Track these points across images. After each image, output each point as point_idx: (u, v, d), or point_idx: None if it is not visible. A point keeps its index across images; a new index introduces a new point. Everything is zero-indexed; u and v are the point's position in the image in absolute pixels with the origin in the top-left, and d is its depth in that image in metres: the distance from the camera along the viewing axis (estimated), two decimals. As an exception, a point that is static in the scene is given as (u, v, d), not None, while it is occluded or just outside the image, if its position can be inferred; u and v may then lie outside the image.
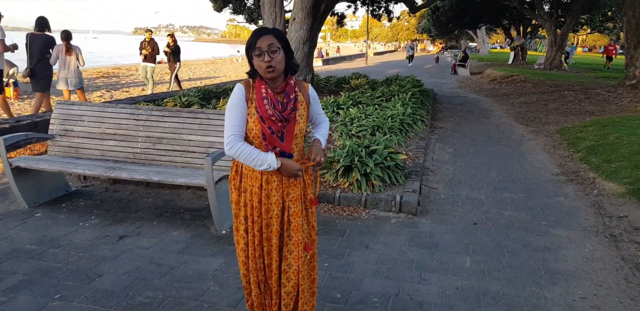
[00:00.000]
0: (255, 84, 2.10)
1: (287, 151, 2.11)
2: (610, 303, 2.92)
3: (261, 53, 1.98)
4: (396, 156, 4.88)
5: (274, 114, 2.04)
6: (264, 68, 2.00)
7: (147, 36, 11.91)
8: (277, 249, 2.18)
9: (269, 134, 2.06)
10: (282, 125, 2.08)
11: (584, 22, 27.67)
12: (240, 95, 2.07)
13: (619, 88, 12.80)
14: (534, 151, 6.99)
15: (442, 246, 3.64)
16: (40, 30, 7.53)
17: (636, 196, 4.64)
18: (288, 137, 2.10)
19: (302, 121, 2.15)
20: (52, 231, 3.64)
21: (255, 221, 2.16)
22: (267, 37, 1.98)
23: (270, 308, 2.28)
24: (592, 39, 77.89)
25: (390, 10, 15.27)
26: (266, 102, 2.05)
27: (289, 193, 2.15)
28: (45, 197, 4.25)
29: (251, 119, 2.08)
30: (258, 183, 2.12)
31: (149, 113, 4.25)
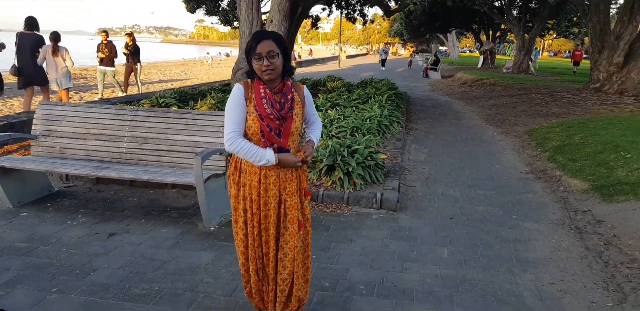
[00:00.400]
0: (253, 85, 2.23)
1: (284, 147, 2.24)
2: (575, 287, 3.17)
3: (261, 58, 2.11)
4: (376, 156, 5.08)
5: (272, 113, 2.17)
6: (262, 71, 2.13)
7: (102, 38, 11.04)
8: (275, 239, 2.32)
9: (268, 131, 2.19)
10: (280, 123, 2.21)
11: (551, 27, 28.63)
12: (240, 94, 2.20)
13: (584, 91, 13.36)
14: (504, 151, 7.31)
15: (421, 239, 3.84)
16: (29, 29, 7.66)
17: (599, 192, 4.96)
18: (285, 134, 2.23)
19: (298, 119, 2.29)
20: (41, 229, 3.68)
21: (254, 213, 2.29)
22: (267, 43, 2.10)
23: (267, 294, 2.42)
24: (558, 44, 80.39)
25: (365, 13, 15.56)
26: (265, 101, 2.17)
27: (286, 187, 2.28)
28: (30, 197, 4.28)
29: (250, 118, 2.20)
30: (257, 177, 2.25)
31: (134, 114, 4.33)
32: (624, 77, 12.76)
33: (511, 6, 24.00)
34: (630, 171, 5.28)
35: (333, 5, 14.38)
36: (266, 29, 9.38)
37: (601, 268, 3.48)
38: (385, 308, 2.79)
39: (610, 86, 12.92)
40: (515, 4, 24.51)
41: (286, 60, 2.21)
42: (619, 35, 12.76)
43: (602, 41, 13.04)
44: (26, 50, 7.62)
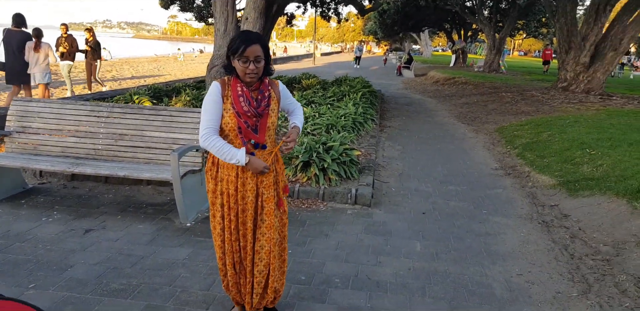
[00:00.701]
0: (231, 82, 2.28)
1: (261, 142, 2.31)
2: (542, 278, 3.32)
3: (247, 61, 2.17)
4: (351, 152, 5.17)
5: (249, 110, 2.24)
6: (246, 73, 2.20)
7: (62, 31, 10.38)
8: (252, 232, 2.38)
9: (245, 128, 2.24)
10: (256, 119, 2.27)
11: (520, 28, 29.31)
12: (217, 92, 2.25)
13: (552, 90, 13.76)
14: (475, 148, 7.51)
15: (394, 233, 3.95)
16: (17, 26, 7.80)
17: (565, 187, 5.16)
18: (262, 130, 2.30)
19: (274, 114, 2.35)
20: (16, 226, 3.64)
21: (231, 207, 2.34)
22: (255, 47, 2.16)
23: (244, 286, 2.47)
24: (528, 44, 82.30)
25: (339, 12, 15.64)
26: (242, 99, 2.23)
27: (263, 181, 2.34)
28: (3, 194, 4.21)
29: (227, 114, 2.25)
30: (234, 172, 2.30)
31: (110, 110, 4.31)
32: (590, 76, 13.20)
33: (482, 6, 24.49)
34: (595, 167, 5.51)
35: (308, 3, 14.42)
36: (241, 27, 9.38)
37: (567, 260, 3.65)
38: (359, 300, 2.88)
39: (577, 85, 13.35)
40: (486, 5, 25.02)
41: (267, 62, 2.28)
42: (585, 36, 13.17)
43: (569, 42, 13.44)
44: (12, 47, 7.73)
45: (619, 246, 3.78)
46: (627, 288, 3.16)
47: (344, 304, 2.82)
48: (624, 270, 3.41)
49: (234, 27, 9.78)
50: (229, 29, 9.77)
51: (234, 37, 2.21)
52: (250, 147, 2.29)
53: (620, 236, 3.91)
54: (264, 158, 2.34)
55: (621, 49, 12.92)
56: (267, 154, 2.36)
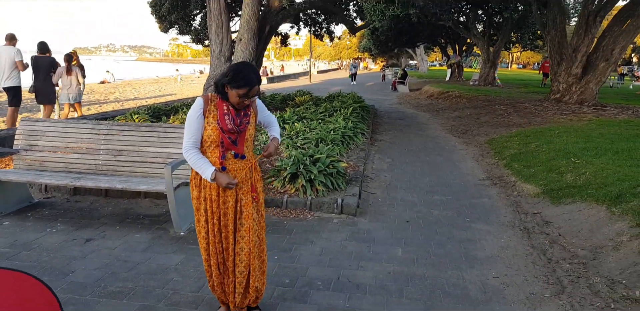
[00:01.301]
0: (216, 100, 2.53)
1: (240, 152, 2.56)
2: (518, 280, 3.50)
3: (246, 96, 2.43)
4: (338, 164, 5.40)
5: (232, 128, 2.49)
6: (239, 104, 2.47)
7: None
8: (233, 235, 2.62)
9: (228, 143, 2.50)
10: (237, 134, 2.54)
11: (515, 41, 29.74)
12: (198, 108, 2.50)
13: (545, 102, 13.99)
14: (464, 159, 7.74)
15: (377, 240, 4.15)
16: (42, 53, 8.75)
17: (549, 195, 5.36)
18: (241, 142, 2.55)
19: (252, 127, 2.61)
20: (22, 236, 3.88)
21: (214, 211, 2.57)
22: (257, 88, 2.45)
23: (228, 286, 2.69)
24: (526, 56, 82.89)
25: (331, 30, 16.05)
26: (227, 118, 2.49)
27: (241, 187, 2.58)
28: (11, 208, 4.47)
29: (209, 127, 2.48)
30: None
31: (109, 128, 4.57)
32: (583, 87, 13.42)
33: (475, 21, 24.97)
34: (578, 175, 5.71)
35: (300, 23, 14.84)
36: (235, 47, 9.73)
37: (544, 264, 3.82)
38: (339, 301, 3.07)
39: (570, 96, 13.57)
40: (480, 19, 25.50)
41: None
42: (576, 47, 13.42)
43: (561, 54, 13.71)
44: (41, 71, 8.69)
45: (596, 250, 3.96)
46: (600, 289, 3.33)
47: (324, 304, 3.02)
48: (599, 272, 3.59)
49: (228, 48, 10.16)
50: (224, 50, 10.16)
51: (235, 70, 2.41)
52: (230, 158, 2.53)
53: (598, 240, 4.09)
54: (242, 166, 2.58)
55: (612, 60, 13.17)
56: (244, 163, 2.59)
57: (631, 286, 3.22)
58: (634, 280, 3.28)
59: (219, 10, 9.84)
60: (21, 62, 8.09)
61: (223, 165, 2.52)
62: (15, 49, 8.11)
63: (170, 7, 14.21)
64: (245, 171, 2.60)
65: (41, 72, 8.69)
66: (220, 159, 2.51)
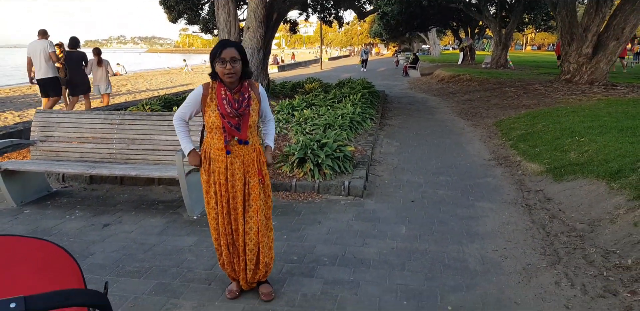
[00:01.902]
0: (215, 86, 2.64)
1: (244, 138, 2.66)
2: (516, 253, 3.64)
3: (224, 62, 2.50)
4: (345, 148, 5.54)
5: (231, 112, 2.58)
6: (225, 74, 2.53)
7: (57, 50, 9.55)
8: (242, 216, 2.77)
9: (229, 127, 2.60)
10: (239, 119, 2.62)
11: (528, 22, 29.26)
12: (198, 93, 2.67)
13: (555, 83, 13.89)
14: (472, 141, 7.81)
15: (383, 219, 4.30)
16: (72, 47, 9.50)
17: (552, 173, 5.44)
18: (244, 128, 2.64)
19: (255, 114, 2.70)
20: (43, 223, 4.11)
21: (223, 195, 2.72)
22: (230, 50, 2.51)
23: (238, 264, 2.87)
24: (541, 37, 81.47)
25: (340, 16, 16.03)
26: (225, 102, 2.58)
27: (248, 171, 2.72)
28: (30, 197, 4.70)
29: (213, 114, 2.60)
30: (224, 164, 2.68)
31: (121, 118, 4.75)
32: (593, 67, 13.30)
33: (487, 3, 24.62)
34: (581, 153, 5.77)
35: (309, 9, 14.86)
36: (243, 36, 9.85)
37: (542, 237, 3.95)
38: (344, 275, 3.24)
39: (581, 77, 13.46)
40: (492, 1, 25.14)
41: (245, 65, 2.62)
42: (586, 27, 13.27)
43: (571, 34, 13.57)
44: (73, 64, 9.44)
45: (594, 223, 4.06)
46: (595, 259, 3.45)
47: (330, 278, 3.19)
48: (595, 243, 3.70)
49: (237, 37, 10.27)
50: (232, 38, 10.27)
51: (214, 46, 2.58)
52: (234, 144, 2.66)
53: (596, 214, 4.19)
54: (247, 150, 2.70)
55: (623, 39, 13.00)
56: (250, 148, 2.71)
57: (624, 255, 3.33)
58: (627, 250, 3.38)
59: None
60: (54, 53, 8.68)
61: (228, 149, 2.64)
62: (48, 42, 8.63)
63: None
64: (252, 156, 2.73)
65: (73, 65, 9.41)
66: (224, 144, 2.63)
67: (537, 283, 3.14)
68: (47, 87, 8.81)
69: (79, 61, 9.50)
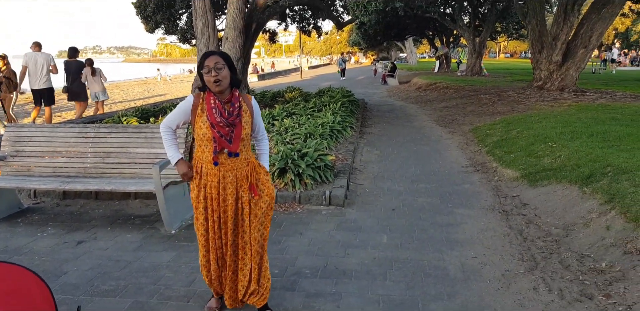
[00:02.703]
0: (205, 97, 2.56)
1: (234, 151, 2.56)
2: (495, 259, 3.67)
3: (209, 70, 2.45)
4: (325, 158, 5.54)
5: (221, 121, 2.49)
6: (212, 82, 2.46)
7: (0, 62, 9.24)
8: (232, 231, 2.69)
9: (219, 137, 2.50)
10: (230, 129, 2.52)
11: (500, 31, 29.93)
12: (189, 103, 2.60)
13: (528, 89, 14.20)
14: (449, 148, 7.89)
15: (364, 229, 4.30)
16: (71, 57, 10.20)
17: (527, 179, 5.53)
18: (235, 140, 2.55)
19: (248, 127, 2.61)
20: (13, 242, 3.98)
21: (215, 209, 2.65)
22: (214, 57, 2.46)
23: (225, 278, 2.81)
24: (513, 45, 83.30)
25: (319, 26, 16.14)
26: (214, 111, 2.50)
27: (242, 185, 2.64)
28: (0, 214, 4.55)
29: (204, 125, 2.52)
30: (216, 178, 2.60)
31: (96, 131, 4.67)
32: (564, 74, 13.65)
33: (461, 13, 25.12)
34: (554, 158, 5.88)
35: (288, 19, 14.93)
36: (222, 46, 9.81)
37: (520, 243, 3.99)
38: (326, 287, 3.21)
39: (552, 83, 13.79)
40: (465, 11, 25.65)
41: (233, 72, 2.55)
42: (555, 35, 13.64)
43: (541, 42, 13.92)
44: (72, 73, 10.08)
45: (569, 228, 4.13)
46: (570, 264, 3.51)
47: (312, 291, 3.16)
48: (570, 248, 3.77)
49: (215, 47, 10.23)
50: (211, 48, 10.23)
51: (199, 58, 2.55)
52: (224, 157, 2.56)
53: (570, 219, 4.27)
54: (239, 164, 2.61)
55: (591, 46, 13.39)
56: (243, 162, 2.63)
57: (598, 259, 3.39)
58: (601, 253, 3.44)
59: (205, 9, 9.90)
60: (55, 66, 9.38)
61: (215, 160, 2.56)
62: (50, 55, 9.32)
63: (155, 8, 14.24)
64: (246, 170, 2.64)
65: (72, 74, 10.07)
66: (213, 154, 2.54)
67: (515, 289, 3.17)
68: (45, 96, 9.38)
69: (78, 70, 10.12)
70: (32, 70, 9.16)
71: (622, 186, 4.30)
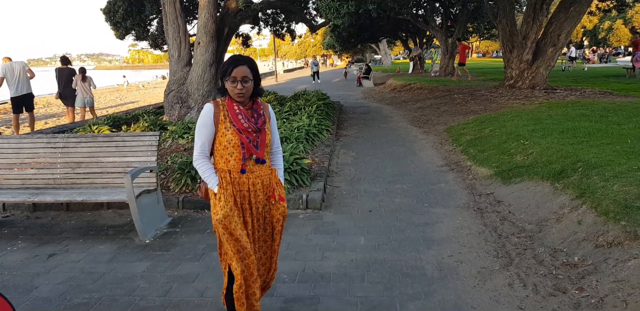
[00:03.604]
0: (226, 103, 2.48)
1: (261, 157, 2.51)
2: (470, 257, 3.71)
3: (235, 81, 2.37)
4: (301, 161, 5.53)
5: (249, 126, 2.43)
6: (235, 93, 2.41)
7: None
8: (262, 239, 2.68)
9: (247, 142, 2.43)
10: (256, 135, 2.47)
11: (472, 31, 30.39)
12: (208, 116, 2.46)
13: (500, 88, 14.44)
14: (425, 148, 7.96)
15: (341, 231, 4.30)
16: (64, 64, 11.15)
17: (500, 177, 5.61)
18: (262, 146, 2.49)
19: (270, 132, 2.58)
20: (-19, 257, 3.86)
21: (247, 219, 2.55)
22: (243, 68, 2.37)
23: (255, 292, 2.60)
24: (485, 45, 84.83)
25: (292, 29, 16.12)
26: (241, 117, 2.43)
27: (266, 193, 2.58)
28: (-32, 229, 4.42)
29: (228, 132, 2.43)
30: (246, 187, 2.51)
31: (65, 140, 4.57)
32: (534, 72, 13.92)
33: (433, 14, 25.44)
34: (527, 155, 5.97)
35: (261, 23, 14.88)
36: (194, 51, 9.73)
37: (494, 240, 4.05)
38: (304, 291, 3.20)
39: (523, 82, 14.04)
40: (437, 12, 25.99)
41: (256, 84, 2.48)
42: (525, 35, 13.89)
43: (512, 41, 14.17)
44: (63, 80, 10.95)
45: (542, 223, 4.20)
46: (544, 259, 3.57)
47: (290, 296, 3.14)
48: (544, 243, 3.83)
49: (187, 52, 10.14)
50: (183, 54, 10.14)
51: (225, 61, 2.43)
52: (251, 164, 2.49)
53: (543, 214, 4.34)
54: (265, 170, 2.56)
55: (560, 45, 13.69)
56: (267, 169, 2.58)
57: (571, 253, 3.46)
58: (574, 247, 3.51)
59: (175, 14, 9.81)
60: (31, 70, 9.96)
61: (243, 168, 2.47)
62: (23, 62, 9.91)
63: (125, 13, 14.01)
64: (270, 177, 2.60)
65: (64, 80, 10.93)
66: (242, 162, 2.46)
67: (491, 286, 3.20)
68: (24, 103, 9.85)
69: (70, 77, 10.94)
70: (9, 79, 9.55)
71: (592, 181, 4.39)
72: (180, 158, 5.80)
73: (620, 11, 21.86)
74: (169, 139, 7.23)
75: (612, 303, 2.79)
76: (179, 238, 4.18)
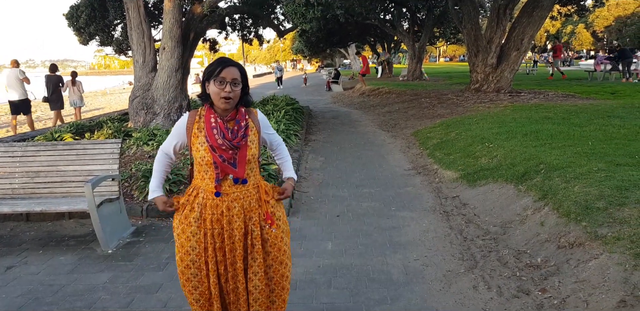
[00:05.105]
0: (204, 113, 2.19)
1: (240, 177, 2.17)
2: (436, 260, 3.75)
3: (224, 82, 2.08)
4: (269, 167, 5.50)
5: (223, 144, 2.11)
6: (221, 97, 2.09)
7: None
8: (243, 272, 2.25)
9: (221, 162, 2.13)
10: (234, 152, 2.14)
11: (439, 35, 30.94)
12: (183, 122, 2.23)
13: (466, 92, 14.73)
14: (392, 152, 8.04)
15: (309, 237, 4.29)
16: (52, 72, 12.18)
17: (466, 179, 5.71)
18: (241, 163, 2.16)
19: (254, 146, 2.22)
20: None
21: (219, 248, 2.21)
22: (233, 70, 2.10)
23: None
24: (452, 49, 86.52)
25: (260, 34, 16.06)
26: (215, 131, 2.12)
27: (251, 217, 2.23)
28: None
29: (202, 148, 2.15)
30: (219, 210, 2.19)
31: (24, 149, 4.42)
32: (499, 76, 14.26)
33: (400, 19, 25.81)
34: (491, 158, 6.10)
35: (228, 28, 14.78)
36: (159, 56, 9.59)
37: (460, 242, 4.10)
38: (270, 298, 3.17)
39: (488, 85, 14.37)
40: (404, 17, 26.38)
41: (245, 92, 2.22)
42: (490, 39, 14.23)
43: (477, 45, 14.50)
44: (51, 86, 11.99)
45: (506, 225, 4.29)
46: (508, 261, 3.64)
47: (256, 303, 3.11)
48: (508, 245, 3.91)
49: (152, 58, 9.97)
50: (147, 59, 9.97)
51: (211, 62, 2.16)
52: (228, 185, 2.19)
53: (507, 216, 4.44)
54: (248, 191, 2.23)
55: (523, 49, 14.06)
56: (251, 189, 2.24)
57: (534, 255, 3.54)
58: (537, 249, 3.60)
59: (139, 19, 9.63)
60: (26, 78, 10.97)
61: (218, 190, 2.17)
62: (18, 70, 10.90)
63: (88, 19, 13.69)
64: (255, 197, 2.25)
65: (52, 86, 11.99)
66: (215, 183, 2.17)
67: (456, 289, 3.25)
68: (23, 106, 11.01)
69: (57, 83, 12.08)
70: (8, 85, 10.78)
71: (554, 182, 4.51)
72: (145, 165, 5.68)
73: (582, 16, 22.70)
74: (133, 146, 7.08)
75: (573, 303, 2.86)
76: (142, 248, 4.09)
